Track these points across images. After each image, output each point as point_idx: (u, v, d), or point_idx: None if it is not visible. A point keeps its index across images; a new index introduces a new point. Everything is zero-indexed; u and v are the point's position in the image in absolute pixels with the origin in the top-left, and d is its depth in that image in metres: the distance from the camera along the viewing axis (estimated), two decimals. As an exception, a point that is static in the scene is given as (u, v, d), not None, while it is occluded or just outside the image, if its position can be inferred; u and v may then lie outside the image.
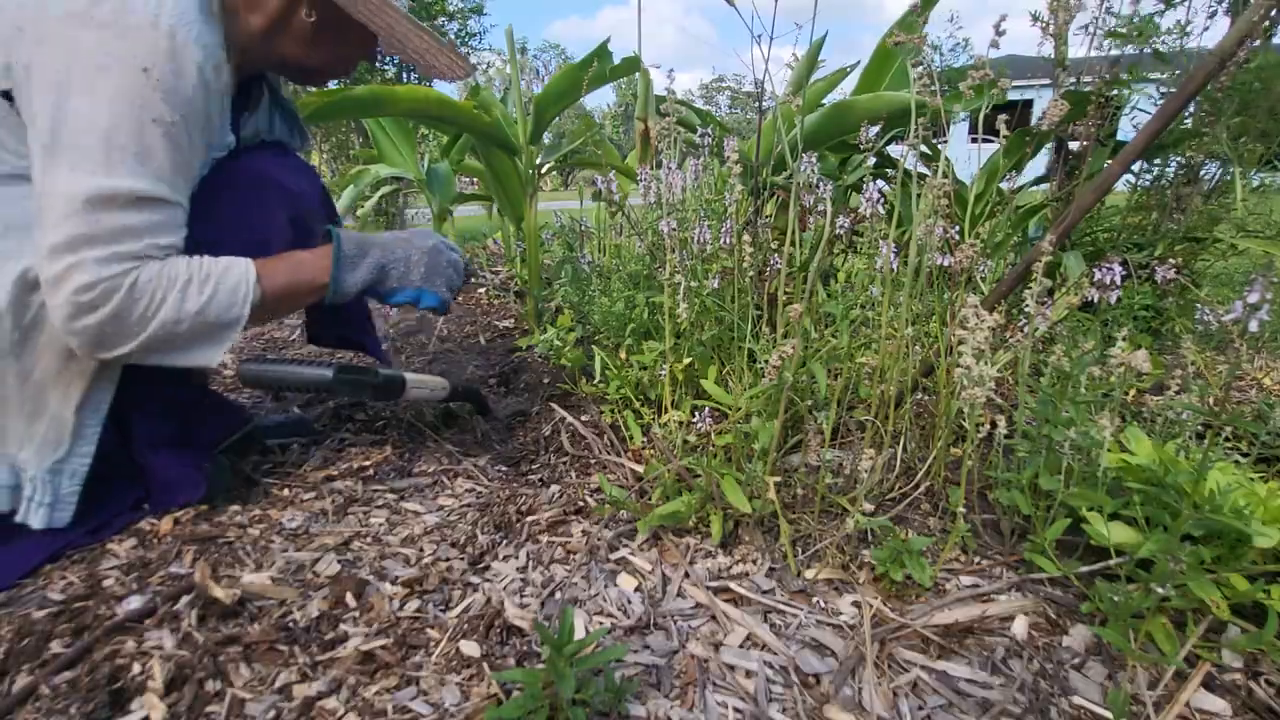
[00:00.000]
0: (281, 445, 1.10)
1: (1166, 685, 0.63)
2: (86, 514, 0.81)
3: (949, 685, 0.64)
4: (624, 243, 1.85)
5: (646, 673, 0.65)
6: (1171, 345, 1.24)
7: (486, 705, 0.60)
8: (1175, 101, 0.90)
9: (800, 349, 0.77)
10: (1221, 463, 0.76)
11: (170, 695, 0.60)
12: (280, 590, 0.74)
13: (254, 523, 0.89)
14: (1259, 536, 0.64)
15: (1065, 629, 0.71)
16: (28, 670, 0.62)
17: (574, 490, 1.00)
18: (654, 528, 0.88)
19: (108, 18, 0.68)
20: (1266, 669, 0.65)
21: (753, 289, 1.10)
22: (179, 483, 0.88)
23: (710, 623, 0.73)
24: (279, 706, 0.60)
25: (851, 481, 0.95)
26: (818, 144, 1.52)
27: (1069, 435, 0.74)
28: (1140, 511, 0.70)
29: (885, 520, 0.82)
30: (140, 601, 0.71)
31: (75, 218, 0.67)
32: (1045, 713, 0.61)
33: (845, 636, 0.70)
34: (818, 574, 0.80)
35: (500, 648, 0.68)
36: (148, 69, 0.69)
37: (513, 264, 2.15)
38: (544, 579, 0.80)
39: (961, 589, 0.77)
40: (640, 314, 1.25)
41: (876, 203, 0.92)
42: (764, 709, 0.61)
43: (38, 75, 0.68)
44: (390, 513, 0.94)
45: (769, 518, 0.88)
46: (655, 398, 1.19)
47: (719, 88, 36.47)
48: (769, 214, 1.44)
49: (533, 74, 6.15)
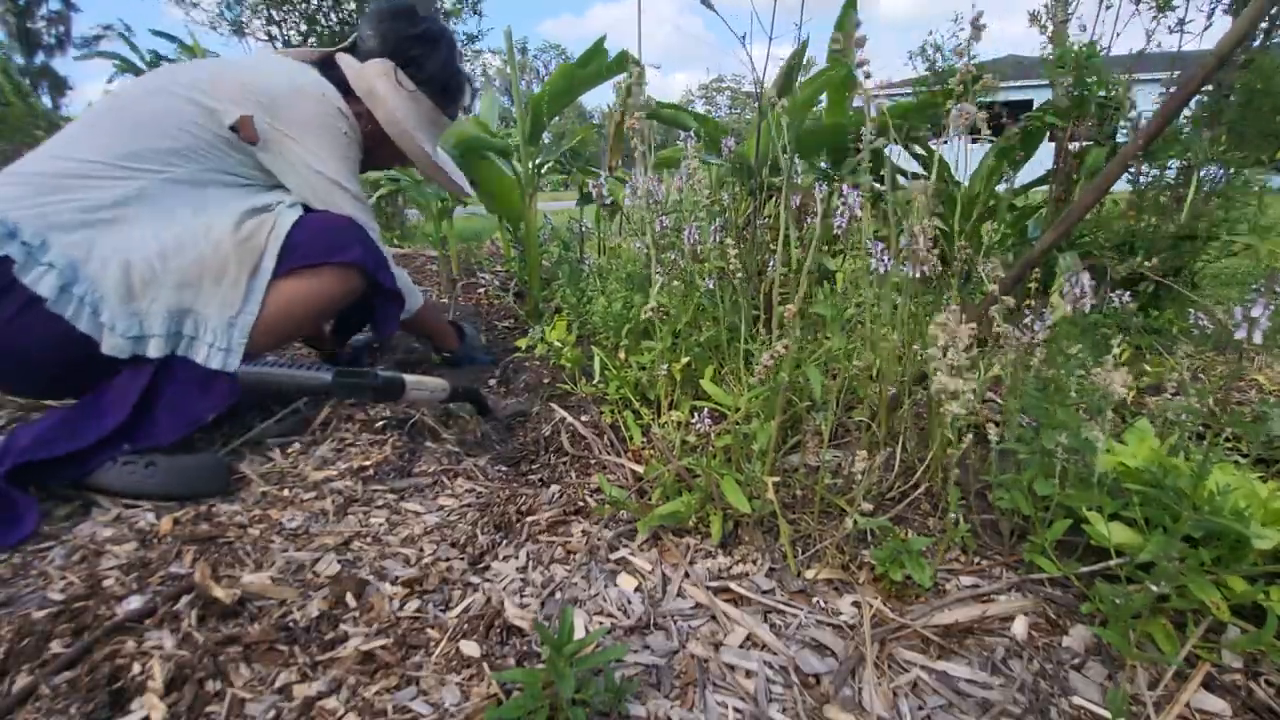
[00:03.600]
0: (282, 445, 1.10)
1: (1166, 685, 0.63)
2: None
3: (949, 685, 0.64)
4: (622, 243, 1.85)
5: (646, 673, 0.65)
6: (1170, 346, 1.24)
7: (486, 705, 0.60)
8: (1175, 101, 0.90)
9: (795, 349, 0.77)
10: (1221, 463, 0.76)
11: (170, 695, 0.60)
12: (280, 590, 0.74)
13: (254, 523, 0.89)
14: (1258, 538, 0.64)
15: (1065, 629, 0.71)
16: (28, 670, 0.62)
17: (574, 490, 1.00)
18: (654, 528, 0.88)
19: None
20: (1266, 669, 0.65)
21: (747, 289, 1.10)
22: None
23: (710, 623, 0.73)
24: (279, 706, 0.60)
25: (850, 482, 0.95)
26: (814, 148, 1.53)
27: (1060, 440, 0.73)
28: (1140, 513, 0.70)
29: (885, 520, 0.82)
30: (140, 601, 0.71)
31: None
32: (1045, 713, 0.61)
33: (845, 636, 0.70)
34: (818, 574, 0.80)
35: (500, 648, 0.68)
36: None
37: (511, 264, 2.15)
38: (544, 579, 0.80)
39: (961, 589, 0.77)
40: (638, 314, 1.25)
41: (855, 206, 0.92)
42: (764, 709, 0.61)
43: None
44: (390, 513, 0.94)
45: (769, 518, 0.88)
46: (654, 398, 1.19)
47: (719, 88, 36.46)
48: (768, 214, 1.44)
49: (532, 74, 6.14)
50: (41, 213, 0.90)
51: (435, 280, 2.26)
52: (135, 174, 0.97)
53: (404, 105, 1.19)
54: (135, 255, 0.93)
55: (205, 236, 0.98)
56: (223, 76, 1.06)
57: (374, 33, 1.19)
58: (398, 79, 1.18)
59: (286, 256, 1.03)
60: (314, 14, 8.52)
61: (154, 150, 0.99)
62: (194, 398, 0.97)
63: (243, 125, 1.04)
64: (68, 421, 0.92)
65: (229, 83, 1.05)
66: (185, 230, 0.97)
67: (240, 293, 0.99)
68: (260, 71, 1.09)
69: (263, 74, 1.08)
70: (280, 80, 1.08)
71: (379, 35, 1.19)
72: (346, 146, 1.14)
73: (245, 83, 1.05)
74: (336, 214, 1.12)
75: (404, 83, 1.19)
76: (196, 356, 0.96)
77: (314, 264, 1.05)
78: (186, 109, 1.02)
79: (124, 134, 0.99)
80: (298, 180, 1.10)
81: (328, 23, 8.34)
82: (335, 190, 1.12)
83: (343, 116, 1.13)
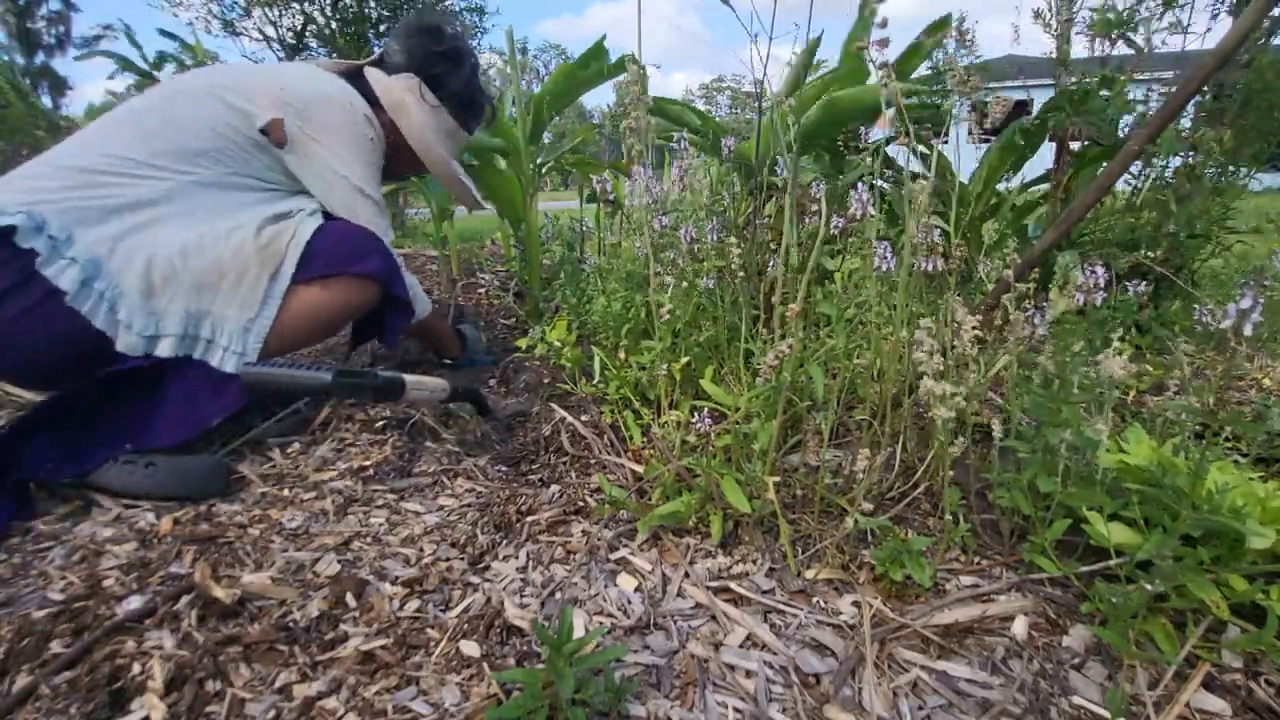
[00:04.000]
0: (282, 445, 1.10)
1: (1166, 685, 0.63)
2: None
3: (949, 685, 0.64)
4: (623, 243, 1.84)
5: (646, 673, 0.65)
6: (1170, 345, 1.24)
7: (486, 705, 0.60)
8: (1176, 101, 0.90)
9: (798, 349, 0.77)
10: (1220, 463, 0.76)
11: (170, 695, 0.60)
12: (280, 590, 0.74)
13: (254, 523, 0.89)
14: (1255, 537, 0.64)
15: (1065, 629, 0.71)
16: (28, 670, 0.62)
17: (574, 490, 1.00)
18: (654, 528, 0.88)
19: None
20: (1266, 669, 0.65)
21: (748, 289, 1.10)
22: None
23: (710, 623, 0.73)
24: (279, 706, 0.60)
25: (851, 481, 0.95)
26: (812, 142, 1.52)
27: (1064, 437, 0.74)
28: (1139, 512, 0.70)
29: (885, 520, 0.82)
30: (140, 601, 0.71)
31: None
32: (1045, 713, 0.61)
33: (845, 636, 0.70)
34: (818, 574, 0.80)
35: (500, 648, 0.68)
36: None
37: (512, 264, 2.15)
38: (544, 579, 0.80)
39: (961, 589, 0.77)
40: (637, 314, 1.25)
41: (867, 204, 0.92)
42: (764, 709, 0.61)
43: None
44: (390, 513, 0.94)
45: (769, 518, 0.88)
46: (654, 398, 1.19)
47: (719, 88, 36.47)
48: (769, 214, 1.44)
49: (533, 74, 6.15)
50: (70, 207, 0.91)
51: (435, 280, 2.26)
52: (164, 174, 0.99)
53: (428, 119, 1.22)
54: (158, 253, 0.94)
55: (226, 240, 0.99)
56: (255, 80, 1.09)
57: (401, 48, 1.22)
58: (422, 94, 1.21)
59: (306, 264, 1.04)
60: (310, 14, 8.51)
61: (183, 151, 1.01)
62: (204, 401, 0.97)
63: (273, 128, 1.06)
64: (77, 428, 0.92)
65: (261, 86, 1.08)
66: (208, 233, 0.99)
67: (259, 297, 1.01)
68: (291, 77, 1.12)
69: (293, 79, 1.11)
70: (310, 86, 1.11)
71: (406, 51, 1.22)
72: (371, 153, 1.17)
73: (277, 87, 1.08)
74: (356, 223, 1.14)
75: (427, 97, 1.22)
76: (211, 359, 0.97)
77: (333, 273, 1.06)
78: (219, 111, 1.04)
79: (156, 133, 1.01)
80: (321, 184, 1.12)
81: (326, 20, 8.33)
82: (358, 196, 1.14)
83: (369, 124, 1.16)
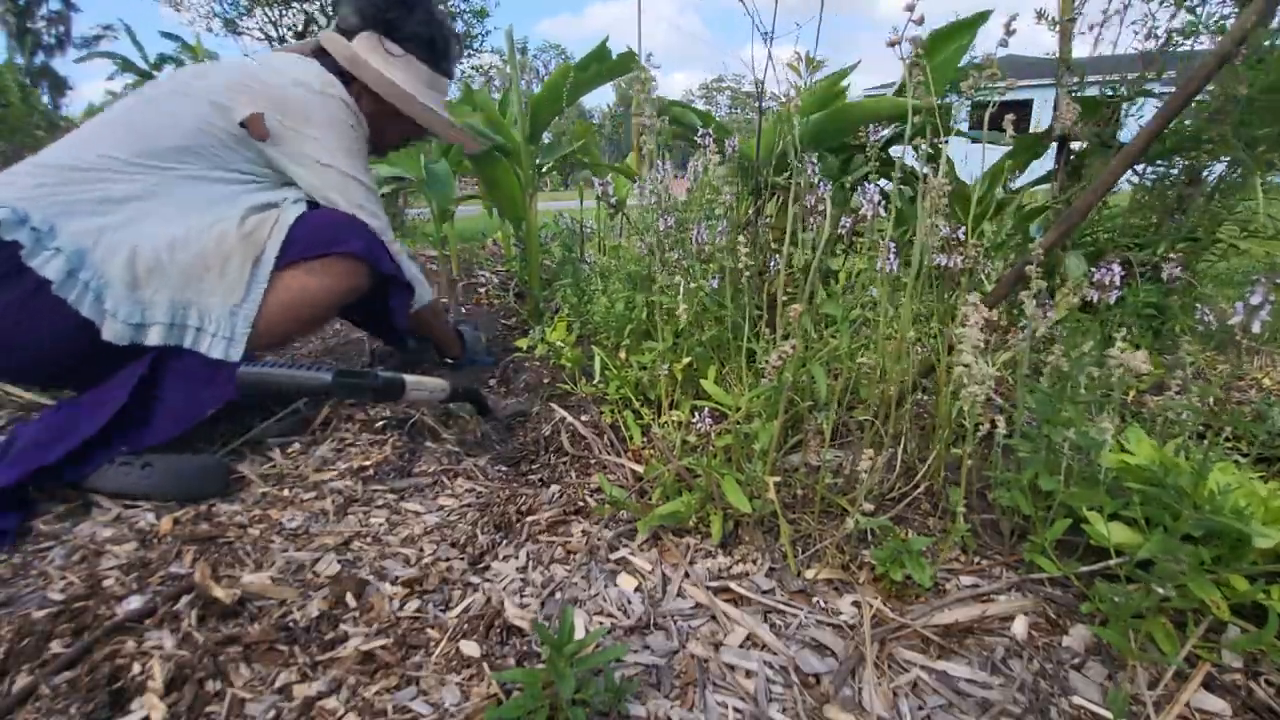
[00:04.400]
0: (282, 445, 1.10)
1: (1166, 685, 0.63)
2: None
3: (949, 685, 0.64)
4: (624, 243, 1.85)
5: (646, 673, 0.65)
6: (1172, 345, 1.23)
7: (486, 705, 0.60)
8: (1176, 101, 0.90)
9: (801, 349, 0.77)
10: (1221, 463, 0.76)
11: (170, 695, 0.60)
12: (280, 590, 0.74)
13: (254, 523, 0.89)
14: (1258, 537, 0.64)
15: (1065, 629, 0.71)
16: (28, 670, 0.62)
17: (574, 490, 1.00)
18: (654, 528, 0.88)
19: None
20: (1266, 669, 0.65)
21: (752, 289, 1.10)
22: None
23: (710, 623, 0.73)
24: (279, 706, 0.60)
25: (851, 481, 0.95)
26: (819, 144, 1.52)
27: (1068, 435, 0.74)
28: (1140, 512, 0.70)
29: (885, 520, 0.82)
30: (140, 601, 0.71)
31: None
32: (1045, 713, 0.61)
33: (845, 636, 0.70)
34: (818, 574, 0.80)
35: (500, 648, 0.68)
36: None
37: (512, 264, 2.15)
38: (544, 579, 0.80)
39: (961, 589, 0.77)
40: (639, 314, 1.25)
41: (877, 204, 0.91)
42: (764, 709, 0.61)
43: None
44: (390, 513, 0.94)
45: (769, 518, 0.88)
46: (655, 398, 1.19)
47: (719, 88, 36.43)
48: (770, 214, 1.43)
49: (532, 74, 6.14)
50: (53, 201, 0.92)
51: (435, 280, 2.26)
52: (149, 171, 1.00)
53: (397, 71, 1.20)
54: (143, 245, 0.94)
55: (210, 232, 1.00)
56: (234, 75, 1.09)
57: (352, 9, 1.21)
58: (385, 49, 1.20)
59: (287, 249, 1.04)
60: (310, 14, 8.52)
61: (168, 149, 1.02)
62: (196, 390, 0.98)
63: (251, 122, 1.07)
64: (66, 419, 0.92)
65: (240, 81, 1.08)
66: (194, 226, 0.99)
67: (243, 283, 1.01)
68: (269, 70, 1.12)
69: (272, 72, 1.11)
70: (287, 78, 1.11)
71: (355, 10, 1.21)
72: (354, 140, 1.16)
73: (255, 80, 1.09)
74: (341, 210, 1.13)
75: (391, 49, 1.21)
76: (200, 347, 0.98)
77: (315, 255, 1.06)
78: (201, 108, 1.05)
79: (140, 132, 1.02)
80: (307, 175, 1.12)
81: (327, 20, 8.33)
82: (348, 182, 1.14)
83: (349, 110, 1.15)
